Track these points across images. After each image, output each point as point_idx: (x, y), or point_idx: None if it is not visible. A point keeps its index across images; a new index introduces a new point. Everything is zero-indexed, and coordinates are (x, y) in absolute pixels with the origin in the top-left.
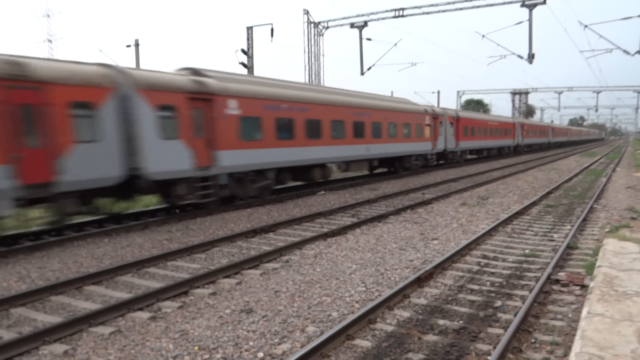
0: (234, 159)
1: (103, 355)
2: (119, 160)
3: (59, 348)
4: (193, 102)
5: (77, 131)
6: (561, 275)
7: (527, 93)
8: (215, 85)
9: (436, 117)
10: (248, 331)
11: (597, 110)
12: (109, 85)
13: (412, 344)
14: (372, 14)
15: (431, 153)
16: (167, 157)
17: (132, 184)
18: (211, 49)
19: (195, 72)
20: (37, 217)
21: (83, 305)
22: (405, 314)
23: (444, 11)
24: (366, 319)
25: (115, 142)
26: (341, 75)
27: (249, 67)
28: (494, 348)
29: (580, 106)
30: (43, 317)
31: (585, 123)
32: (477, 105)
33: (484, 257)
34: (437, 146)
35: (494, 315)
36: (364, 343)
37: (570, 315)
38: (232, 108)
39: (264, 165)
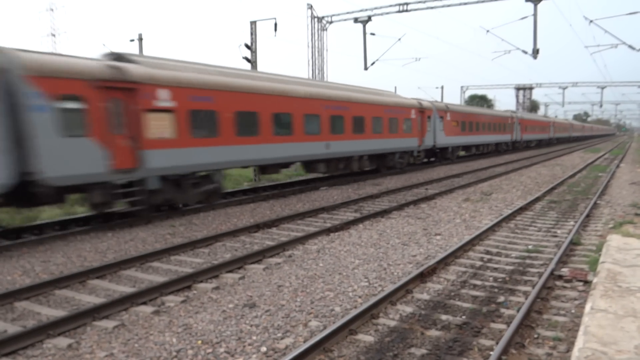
0: (448, 140)
1: (107, 349)
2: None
3: (62, 342)
4: (423, 113)
5: (403, 127)
6: (564, 271)
7: (531, 88)
8: (428, 105)
9: (512, 118)
10: (251, 326)
11: (601, 106)
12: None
13: (414, 339)
14: (376, 8)
15: (509, 142)
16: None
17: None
18: (215, 43)
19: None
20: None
21: (87, 299)
22: (408, 309)
23: (448, 6)
24: (369, 314)
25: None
26: (345, 70)
27: (253, 62)
28: (497, 343)
29: (584, 102)
30: (47, 311)
31: (589, 119)
32: (481, 100)
33: (487, 252)
34: (513, 137)
35: (497, 310)
36: (366, 338)
37: (573, 311)
38: (448, 117)
39: (457, 144)
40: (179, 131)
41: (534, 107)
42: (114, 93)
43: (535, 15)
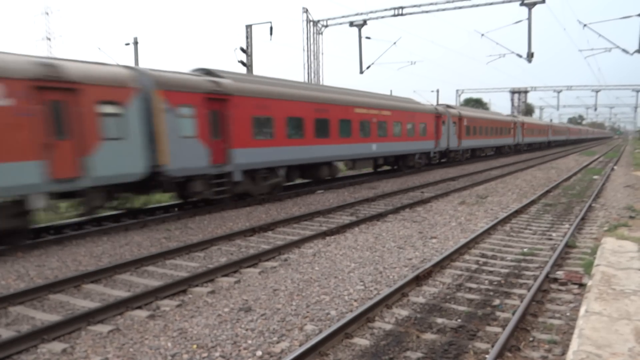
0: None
1: (101, 354)
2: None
3: (57, 346)
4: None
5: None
6: (559, 274)
7: (526, 92)
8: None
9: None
10: (247, 330)
11: (596, 109)
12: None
13: (410, 343)
14: (371, 12)
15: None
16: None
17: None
18: (210, 47)
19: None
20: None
21: (82, 303)
22: (404, 312)
23: (443, 10)
24: (365, 318)
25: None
26: (340, 73)
27: (248, 65)
28: (492, 347)
29: (579, 105)
30: (41, 316)
31: (584, 122)
32: (476, 103)
33: (483, 255)
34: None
35: (492, 313)
36: (362, 341)
37: (568, 314)
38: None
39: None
40: None
41: (529, 110)
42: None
43: (529, 19)
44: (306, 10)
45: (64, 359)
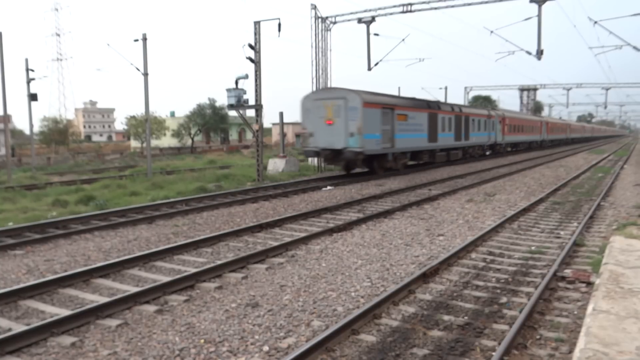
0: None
1: (110, 348)
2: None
3: (66, 340)
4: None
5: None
6: (567, 272)
7: (535, 89)
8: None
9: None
10: (254, 325)
11: (606, 107)
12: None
13: (417, 339)
14: (379, 9)
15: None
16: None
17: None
18: (219, 43)
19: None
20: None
21: (90, 297)
22: (411, 309)
23: (452, 6)
24: (371, 314)
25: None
26: (348, 70)
27: (257, 62)
28: (499, 344)
29: (588, 103)
30: (51, 309)
31: (593, 120)
32: (484, 101)
33: (490, 253)
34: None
35: (499, 311)
36: (369, 338)
37: (575, 312)
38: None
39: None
40: None
41: (538, 108)
42: None
43: (539, 16)
44: (314, 7)
45: (73, 353)
